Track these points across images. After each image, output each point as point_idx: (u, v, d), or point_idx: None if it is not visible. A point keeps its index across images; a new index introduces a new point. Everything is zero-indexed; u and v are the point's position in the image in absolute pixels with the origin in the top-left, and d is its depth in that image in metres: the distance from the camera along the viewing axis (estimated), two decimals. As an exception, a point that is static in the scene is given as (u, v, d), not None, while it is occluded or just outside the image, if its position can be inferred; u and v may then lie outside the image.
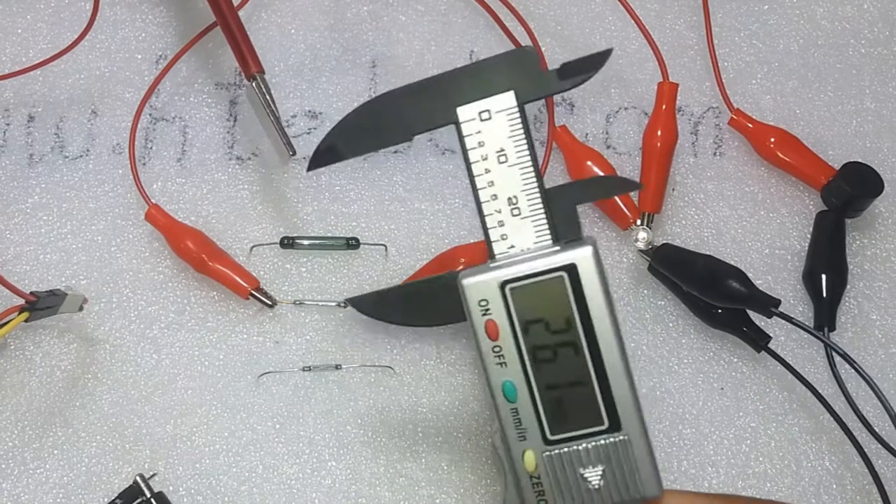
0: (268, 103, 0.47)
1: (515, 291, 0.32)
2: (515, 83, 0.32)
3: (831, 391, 0.46)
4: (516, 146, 0.32)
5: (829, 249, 0.48)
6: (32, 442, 0.46)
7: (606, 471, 0.32)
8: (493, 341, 0.32)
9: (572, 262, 0.31)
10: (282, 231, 0.49)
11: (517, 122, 0.32)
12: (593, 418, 0.32)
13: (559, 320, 0.32)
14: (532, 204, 0.32)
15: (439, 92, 0.33)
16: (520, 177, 0.32)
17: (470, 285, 0.32)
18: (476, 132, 0.33)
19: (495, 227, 0.33)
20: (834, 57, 0.53)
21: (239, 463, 0.46)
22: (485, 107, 0.32)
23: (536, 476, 0.33)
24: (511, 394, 0.32)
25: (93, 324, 0.48)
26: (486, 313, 0.32)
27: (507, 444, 0.33)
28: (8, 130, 0.52)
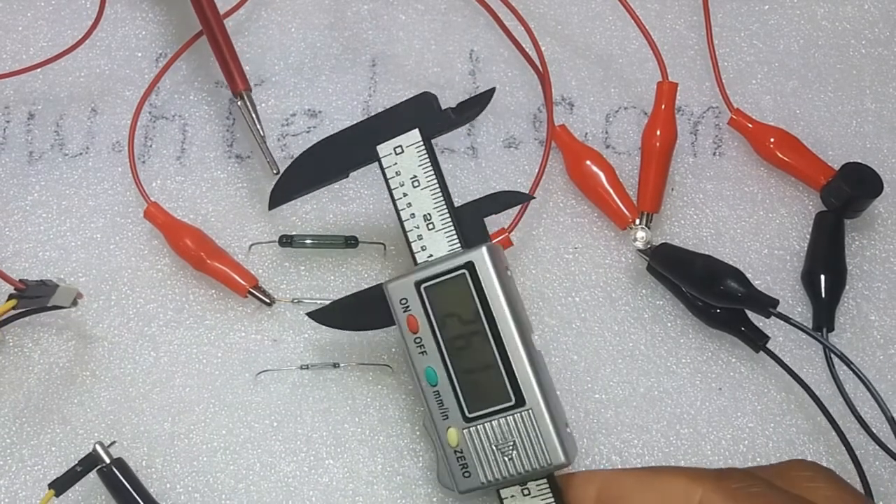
0: (253, 121, 0.47)
1: (429, 289, 0.38)
2: (419, 122, 0.40)
3: (830, 392, 0.46)
4: (425, 172, 0.39)
5: (828, 250, 0.48)
6: (30, 439, 0.46)
7: (517, 442, 0.37)
8: (413, 333, 0.38)
9: (470, 260, 0.37)
10: (281, 229, 0.49)
11: (424, 153, 0.39)
12: (502, 396, 0.37)
13: (468, 312, 0.38)
14: (443, 219, 0.39)
15: (363, 135, 0.41)
16: (431, 197, 0.39)
17: (393, 287, 0.39)
18: (394, 164, 0.40)
19: (416, 241, 0.39)
20: (834, 57, 0.53)
21: (236, 461, 0.46)
22: (398, 143, 0.40)
23: (459, 450, 0.38)
24: (432, 378, 0.38)
25: (91, 321, 0.48)
26: (407, 310, 0.38)
27: (433, 423, 0.38)
28: (8, 128, 0.53)
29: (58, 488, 0.42)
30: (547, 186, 0.50)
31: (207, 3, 0.49)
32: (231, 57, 0.48)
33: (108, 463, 0.43)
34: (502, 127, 0.52)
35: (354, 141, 0.41)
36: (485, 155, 0.51)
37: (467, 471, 0.38)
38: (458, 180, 0.50)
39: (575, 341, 0.47)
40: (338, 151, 0.42)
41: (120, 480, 0.43)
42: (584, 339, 0.47)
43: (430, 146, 0.40)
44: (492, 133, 0.52)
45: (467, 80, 0.53)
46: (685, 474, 0.35)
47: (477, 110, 0.40)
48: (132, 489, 0.43)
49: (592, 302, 0.48)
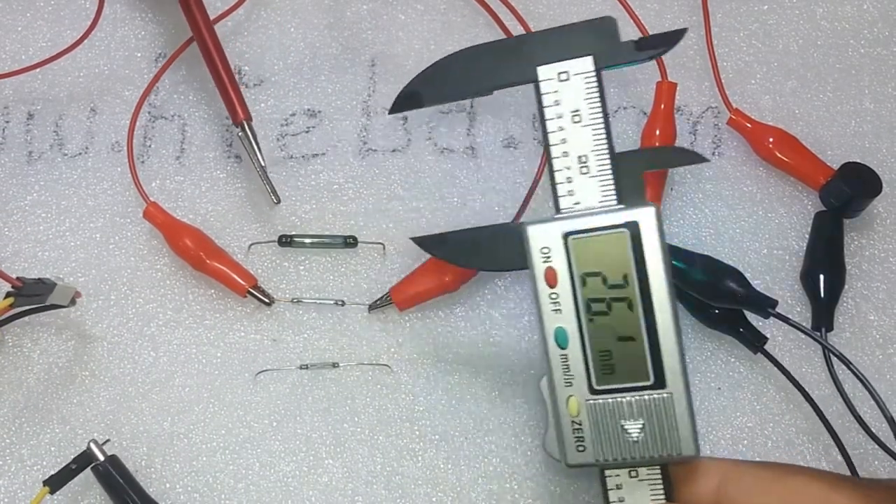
0: (254, 151, 0.47)
1: (577, 243, 0.34)
2: (595, 49, 0.34)
3: (829, 392, 0.46)
4: (591, 108, 0.34)
5: (827, 250, 0.48)
6: (30, 438, 0.46)
7: (647, 425, 0.33)
8: (550, 288, 0.34)
9: (635, 219, 0.33)
10: (280, 229, 0.49)
11: (594, 86, 0.34)
12: (640, 373, 0.33)
13: (617, 275, 0.33)
14: (601, 164, 0.34)
15: (522, 51, 0.35)
16: (592, 137, 0.34)
17: (534, 231, 0.34)
18: (554, 91, 0.34)
19: (563, 183, 0.34)
20: (833, 57, 0.53)
21: (236, 460, 0.46)
22: (564, 68, 0.34)
23: (578, 422, 0.34)
24: (563, 340, 0.34)
25: (90, 321, 0.48)
26: (547, 260, 0.34)
27: (552, 388, 0.34)
28: (7, 128, 0.53)
29: (52, 485, 0.42)
30: (546, 186, 0.50)
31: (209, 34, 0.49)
32: (232, 87, 0.48)
33: (102, 460, 0.43)
34: (502, 127, 0.52)
35: (512, 55, 0.35)
36: (484, 155, 0.51)
37: (582, 444, 0.34)
38: (457, 180, 0.50)
39: (574, 341, 0.47)
40: (489, 62, 0.36)
41: (114, 478, 0.43)
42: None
43: (600, 79, 0.34)
44: (491, 133, 0.52)
45: (467, 80, 0.53)
46: (825, 480, 0.32)
47: (663, 48, 0.35)
48: (126, 486, 0.43)
49: (592, 302, 0.48)
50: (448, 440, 0.46)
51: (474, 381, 0.47)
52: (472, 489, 0.45)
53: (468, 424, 0.46)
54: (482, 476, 0.45)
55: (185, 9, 0.49)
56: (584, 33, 0.34)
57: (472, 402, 0.47)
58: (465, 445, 0.46)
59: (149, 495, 0.44)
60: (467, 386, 0.47)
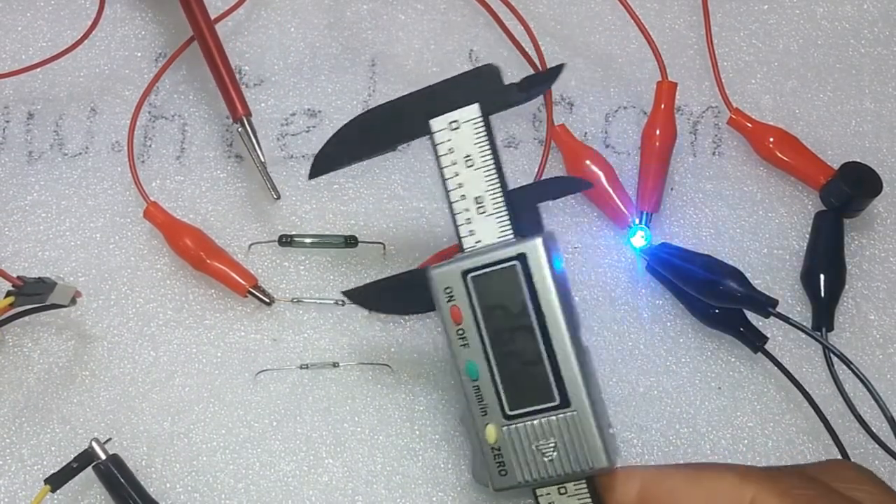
0: (253, 147, 0.47)
1: (476, 280, 0.36)
2: (480, 96, 0.36)
3: (829, 391, 0.46)
4: (481, 152, 0.36)
5: (827, 249, 0.48)
6: (30, 438, 0.46)
7: (559, 443, 0.35)
8: (457, 325, 0.36)
9: (523, 251, 0.35)
10: (280, 229, 0.49)
11: (482, 131, 0.36)
12: (546, 395, 0.35)
13: (515, 305, 0.35)
14: (496, 203, 0.36)
15: (416, 106, 0.37)
16: (484, 179, 0.36)
17: (437, 274, 0.36)
18: (447, 140, 0.37)
19: (464, 224, 0.36)
20: (834, 57, 0.53)
21: (236, 460, 0.46)
22: (454, 118, 0.36)
23: (497, 448, 0.36)
24: (473, 372, 0.36)
25: (90, 321, 0.48)
26: (451, 300, 0.36)
27: (472, 419, 0.36)
28: (7, 128, 0.53)
29: (54, 484, 0.42)
30: (546, 186, 0.50)
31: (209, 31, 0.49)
32: (232, 83, 0.48)
33: (103, 459, 0.43)
34: (502, 126, 0.52)
35: (406, 112, 0.38)
36: (484, 155, 0.51)
37: (504, 469, 0.36)
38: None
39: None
40: (388, 122, 0.38)
41: (116, 476, 0.43)
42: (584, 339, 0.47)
43: (488, 123, 0.36)
44: (491, 133, 0.52)
45: (467, 80, 0.53)
46: (735, 472, 0.33)
47: (544, 86, 0.37)
48: (128, 485, 0.43)
49: (592, 302, 0.48)
50: (448, 440, 0.46)
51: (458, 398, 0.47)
52: (473, 489, 0.45)
53: (468, 424, 0.46)
54: (482, 476, 0.45)
55: (184, 5, 0.49)
56: (470, 82, 0.36)
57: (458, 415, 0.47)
58: (465, 445, 0.46)
59: (149, 495, 0.44)
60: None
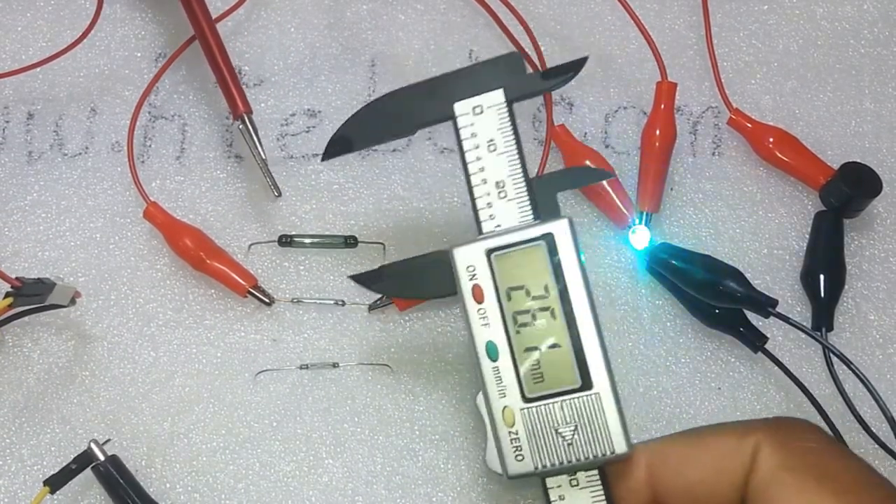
0: (254, 144, 0.47)
1: (499, 259, 0.35)
2: (504, 82, 0.37)
3: (829, 392, 0.46)
4: (504, 137, 0.37)
5: (827, 250, 0.48)
6: (30, 438, 0.46)
7: (578, 427, 0.34)
8: (478, 304, 0.35)
9: (550, 231, 0.35)
10: (280, 229, 0.49)
11: (506, 116, 0.37)
12: (567, 378, 0.34)
13: (538, 286, 0.35)
14: (517, 188, 0.36)
15: (439, 90, 0.37)
16: (507, 164, 0.36)
17: (460, 252, 0.36)
18: (470, 125, 0.37)
19: (484, 209, 0.36)
20: (833, 57, 0.53)
21: (236, 460, 0.46)
22: (478, 103, 0.37)
23: (515, 432, 0.35)
24: (493, 353, 0.35)
25: (90, 321, 0.48)
26: (473, 278, 0.36)
27: (488, 401, 0.35)
28: (7, 128, 0.53)
29: (53, 485, 0.42)
30: (546, 186, 0.50)
31: (209, 26, 0.49)
32: (232, 80, 0.48)
33: (102, 460, 0.43)
34: (502, 127, 0.52)
35: (430, 95, 0.38)
36: (484, 155, 0.51)
37: (520, 454, 0.35)
38: (457, 180, 0.50)
39: (574, 341, 0.47)
40: (409, 105, 0.38)
41: (114, 477, 0.43)
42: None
43: (511, 109, 0.37)
44: (491, 133, 0.52)
45: (467, 80, 0.53)
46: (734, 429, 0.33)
47: (568, 76, 0.38)
48: (127, 486, 0.43)
49: (592, 302, 0.48)
50: (448, 440, 0.46)
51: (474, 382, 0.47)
52: (472, 489, 0.45)
53: (468, 424, 0.46)
54: (482, 476, 0.45)
55: (184, 2, 0.49)
56: (494, 68, 0.37)
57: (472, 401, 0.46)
58: (465, 445, 0.46)
59: (149, 495, 0.44)
60: (467, 386, 0.47)
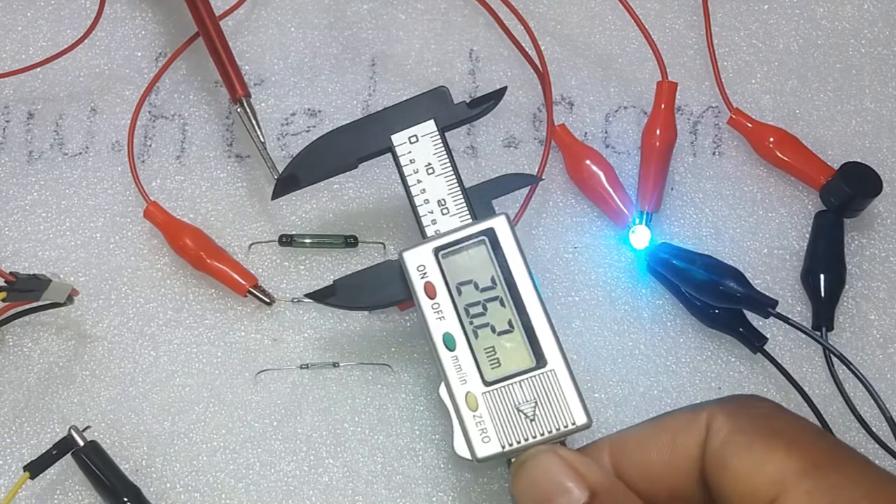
0: (253, 127, 0.47)
1: (447, 257, 0.39)
2: (434, 113, 0.42)
3: (829, 391, 0.46)
4: (440, 160, 0.41)
5: (827, 249, 0.48)
6: (30, 438, 0.46)
7: (538, 402, 0.37)
8: (431, 299, 0.38)
9: (490, 227, 0.39)
10: (280, 229, 0.49)
11: (439, 142, 0.41)
12: (522, 359, 0.37)
13: (485, 279, 0.38)
14: (457, 203, 0.40)
15: (376, 126, 0.42)
16: (445, 183, 0.41)
17: (410, 255, 0.39)
18: (408, 153, 0.41)
19: (430, 226, 0.40)
20: (834, 57, 0.53)
21: (236, 460, 0.46)
22: (413, 133, 0.41)
23: (479, 415, 0.37)
24: (451, 343, 0.38)
25: (91, 320, 0.48)
26: (424, 276, 0.39)
27: (450, 390, 0.37)
28: (7, 127, 0.53)
29: (33, 471, 0.42)
30: (546, 186, 0.50)
31: (205, 9, 0.49)
32: (230, 63, 0.48)
33: (82, 446, 0.43)
34: (502, 126, 0.52)
35: (368, 131, 0.42)
36: (484, 154, 0.51)
37: (486, 436, 0.37)
38: (458, 179, 0.50)
39: (575, 341, 0.47)
40: (349, 141, 0.42)
41: (94, 463, 0.43)
42: (584, 339, 0.47)
43: (443, 136, 0.41)
44: (491, 133, 0.52)
45: (467, 80, 0.53)
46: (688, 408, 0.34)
47: (490, 104, 0.42)
48: (106, 471, 0.43)
49: (592, 302, 0.48)
50: (448, 440, 0.46)
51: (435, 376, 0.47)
52: (472, 489, 0.45)
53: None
54: (482, 476, 0.45)
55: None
56: (425, 102, 0.42)
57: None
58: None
59: (129, 479, 0.44)
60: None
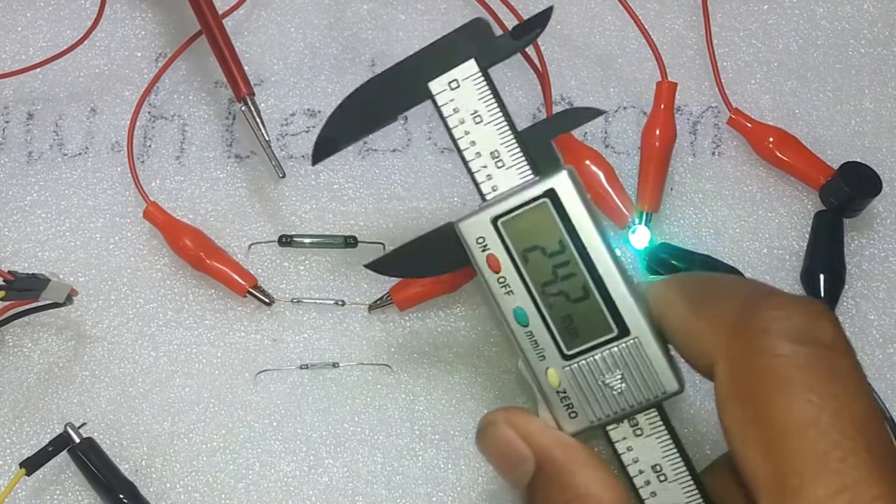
0: (258, 125, 0.47)
1: (507, 224, 0.35)
2: (474, 51, 0.36)
3: (829, 391, 0.46)
4: (488, 106, 0.36)
5: (827, 249, 0.48)
6: (30, 439, 0.46)
7: (626, 374, 0.34)
8: (496, 273, 0.35)
9: (551, 186, 0.34)
10: (280, 229, 0.49)
11: (483, 85, 0.36)
12: (602, 328, 0.34)
13: (553, 243, 0.34)
14: (513, 153, 0.35)
15: (410, 73, 0.37)
16: (497, 132, 0.36)
17: (466, 226, 0.35)
18: (450, 100, 0.36)
19: (485, 181, 0.36)
20: (833, 57, 0.53)
21: (236, 460, 0.46)
22: (452, 77, 0.36)
23: (562, 391, 0.35)
24: (523, 319, 0.35)
25: (90, 321, 0.48)
26: (486, 249, 0.35)
27: (529, 366, 0.35)
28: (7, 128, 0.53)
29: (29, 468, 0.43)
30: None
31: (208, 6, 0.49)
32: (234, 61, 0.48)
33: (78, 443, 0.43)
34: (501, 127, 0.52)
35: (401, 80, 0.37)
36: (484, 155, 0.51)
37: (573, 411, 0.35)
38: (457, 180, 0.50)
39: (574, 341, 0.47)
40: (384, 94, 0.38)
41: (90, 460, 0.43)
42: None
43: (488, 77, 0.36)
44: (491, 133, 0.52)
45: (466, 80, 0.53)
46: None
47: (537, 32, 0.37)
48: (102, 468, 0.43)
49: (592, 301, 0.48)
50: (448, 440, 0.46)
51: (474, 381, 0.47)
52: (472, 489, 0.45)
53: (468, 424, 0.46)
54: (482, 476, 0.45)
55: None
56: (461, 39, 0.36)
57: (472, 402, 0.47)
58: (465, 445, 0.46)
59: (125, 476, 0.44)
60: (467, 386, 0.47)
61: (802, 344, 0.29)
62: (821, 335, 0.29)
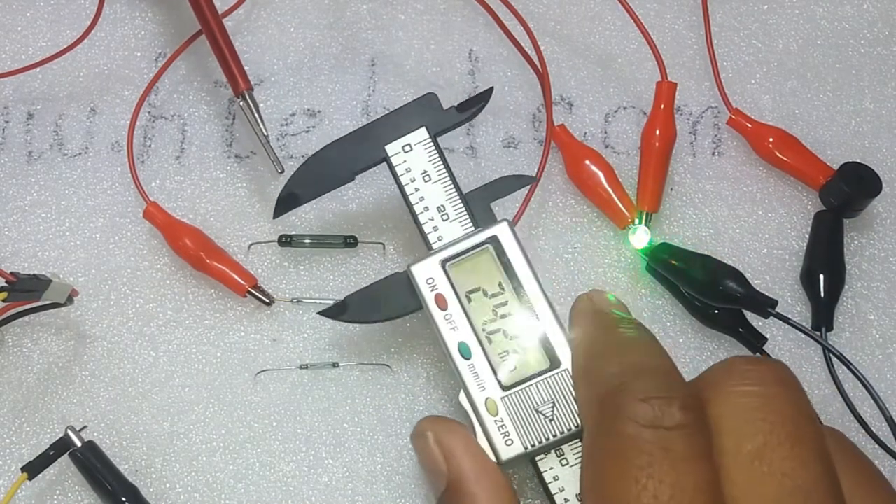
0: (256, 121, 0.47)
1: (453, 267, 0.40)
2: (425, 120, 0.42)
3: (829, 392, 0.46)
4: (436, 167, 0.42)
5: (827, 250, 0.48)
6: (30, 439, 0.46)
7: (556, 403, 0.38)
8: (443, 311, 0.39)
9: (494, 234, 0.40)
10: (280, 229, 0.49)
11: (433, 149, 0.42)
12: (537, 362, 0.38)
13: (493, 285, 0.39)
14: (456, 209, 0.41)
15: (369, 137, 0.42)
16: (443, 189, 0.41)
17: (417, 268, 0.40)
18: (403, 161, 0.42)
19: (432, 232, 0.41)
20: (833, 57, 0.53)
21: (236, 460, 0.46)
22: (406, 142, 0.42)
23: (500, 419, 0.38)
24: (466, 352, 0.39)
25: (90, 321, 0.48)
26: (434, 289, 0.39)
27: (470, 397, 0.38)
28: (7, 128, 0.53)
29: (30, 471, 0.42)
30: (546, 186, 0.50)
31: (208, 6, 0.49)
32: (232, 56, 0.48)
33: (79, 446, 0.43)
34: (501, 127, 0.52)
35: (361, 143, 0.42)
36: (484, 155, 0.51)
37: (509, 439, 0.38)
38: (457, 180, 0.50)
39: (574, 341, 0.47)
40: (344, 155, 0.43)
41: (91, 463, 0.43)
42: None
43: (436, 142, 0.42)
44: (491, 133, 0.52)
45: (466, 80, 0.53)
46: None
47: (479, 107, 0.43)
48: (104, 471, 0.43)
49: (592, 301, 0.48)
50: (448, 440, 0.46)
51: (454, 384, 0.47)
52: (472, 489, 0.45)
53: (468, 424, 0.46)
54: (482, 476, 0.45)
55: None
56: (415, 109, 0.42)
57: (471, 402, 0.47)
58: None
59: (127, 479, 0.44)
60: (467, 386, 0.47)
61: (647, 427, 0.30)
62: (666, 421, 0.30)
